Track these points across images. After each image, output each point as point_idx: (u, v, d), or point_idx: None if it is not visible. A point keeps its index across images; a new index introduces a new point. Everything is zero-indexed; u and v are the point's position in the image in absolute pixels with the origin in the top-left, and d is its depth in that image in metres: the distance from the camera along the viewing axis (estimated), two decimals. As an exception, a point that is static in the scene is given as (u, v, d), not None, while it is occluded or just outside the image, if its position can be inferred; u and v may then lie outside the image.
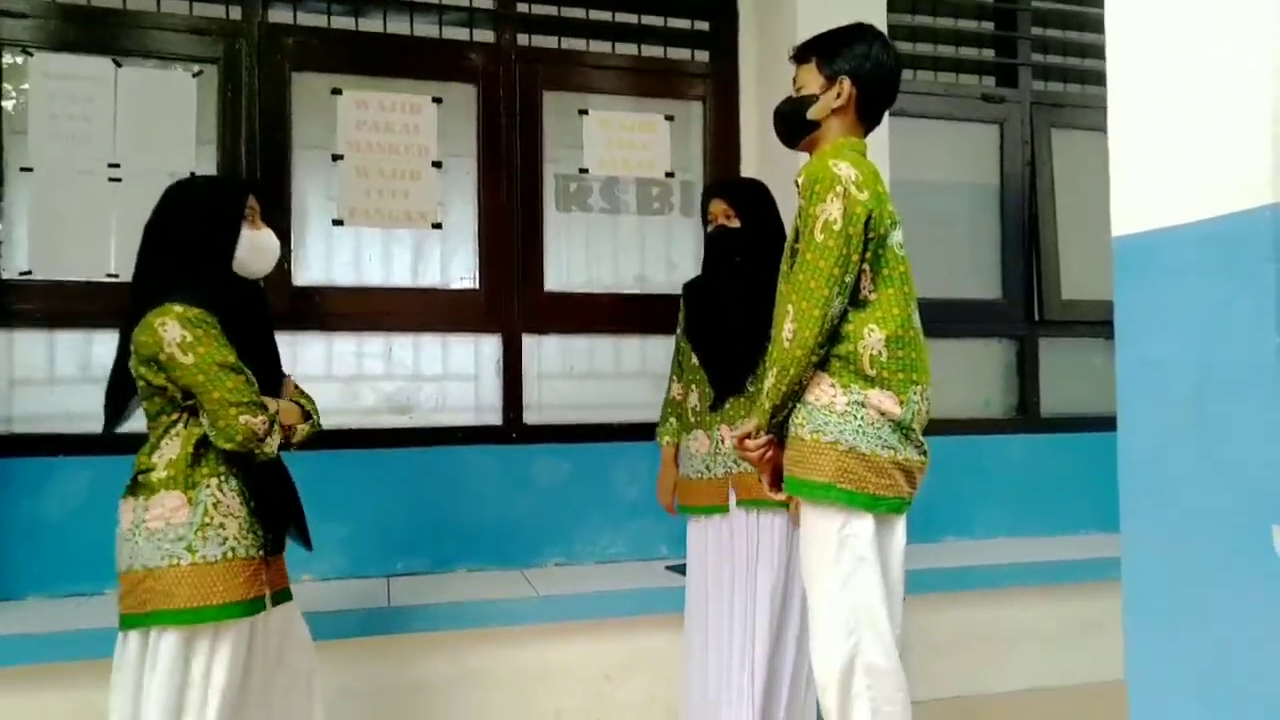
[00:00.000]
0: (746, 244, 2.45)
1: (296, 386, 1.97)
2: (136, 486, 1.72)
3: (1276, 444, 0.88)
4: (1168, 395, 1.01)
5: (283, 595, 1.86)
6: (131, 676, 1.68)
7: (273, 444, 1.75)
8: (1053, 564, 3.10)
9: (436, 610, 2.60)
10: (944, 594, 2.96)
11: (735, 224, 2.47)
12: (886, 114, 2.02)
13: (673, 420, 2.62)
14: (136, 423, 1.84)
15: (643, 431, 3.06)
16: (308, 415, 1.91)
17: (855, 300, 1.83)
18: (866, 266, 1.82)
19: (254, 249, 1.84)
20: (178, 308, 1.68)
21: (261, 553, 1.77)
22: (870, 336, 1.81)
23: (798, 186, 1.92)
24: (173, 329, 1.66)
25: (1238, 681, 0.93)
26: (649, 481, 2.96)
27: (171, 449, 1.72)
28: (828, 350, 1.81)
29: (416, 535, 2.93)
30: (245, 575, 1.72)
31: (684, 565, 2.64)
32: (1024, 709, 2.97)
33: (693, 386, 2.55)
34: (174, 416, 1.73)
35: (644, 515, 3.07)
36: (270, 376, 1.85)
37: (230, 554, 1.70)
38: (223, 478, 1.73)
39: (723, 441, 2.45)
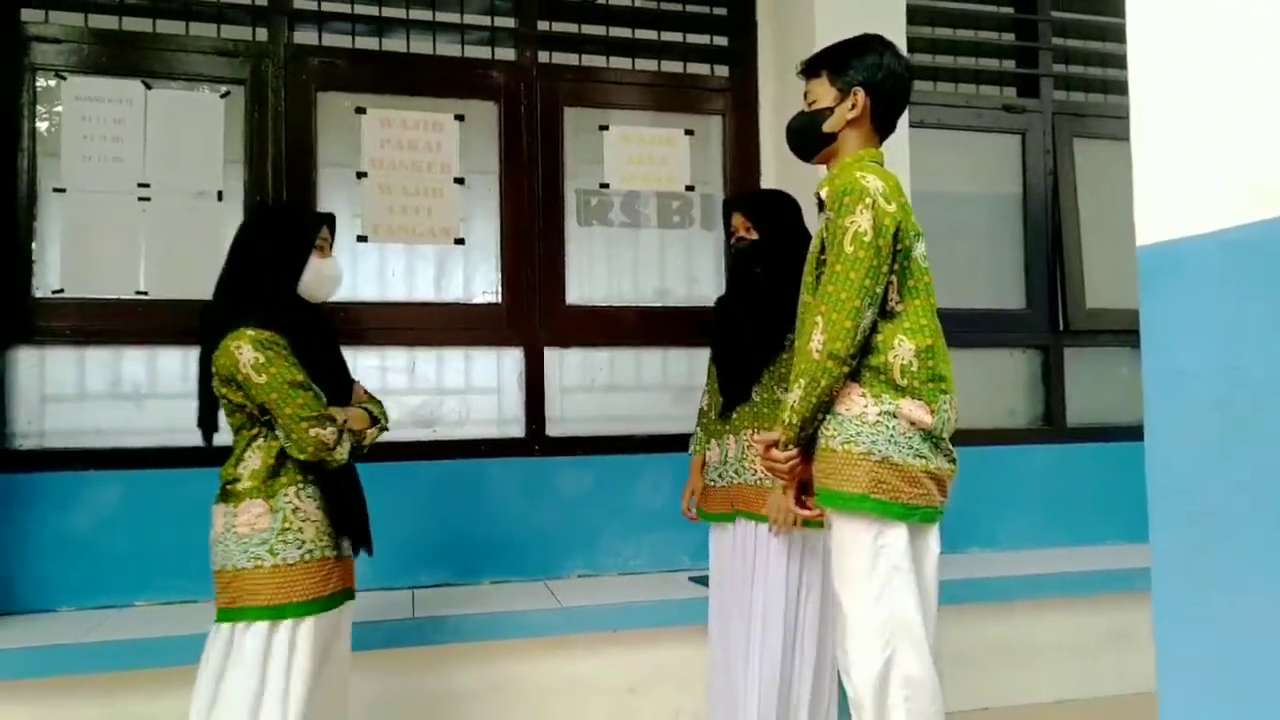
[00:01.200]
0: (766, 255, 2.46)
1: (366, 391, 2.10)
2: (226, 495, 1.88)
3: (1306, 452, 0.88)
4: (1195, 404, 1.00)
5: (349, 593, 1.99)
6: (215, 666, 1.82)
7: (343, 452, 1.88)
8: (1080, 575, 3.06)
9: (461, 622, 2.62)
10: (971, 605, 2.93)
11: (754, 236, 2.48)
12: (907, 125, 2.03)
13: (699, 431, 2.64)
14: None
15: (664, 443, 3.07)
16: (375, 420, 2.04)
17: (883, 311, 1.83)
18: (893, 278, 1.82)
19: (319, 277, 1.97)
20: (250, 331, 1.82)
21: (335, 554, 1.92)
22: (900, 347, 1.81)
23: (818, 199, 1.92)
24: (247, 352, 1.80)
25: (1273, 692, 0.92)
26: (671, 493, 2.97)
27: (253, 461, 1.87)
28: (859, 361, 1.81)
29: (440, 547, 2.95)
30: (321, 575, 1.87)
31: (706, 576, 2.64)
32: (1053, 723, 2.93)
33: (713, 397, 2.57)
34: (254, 431, 1.87)
35: (666, 526, 3.07)
36: (339, 385, 1.99)
37: (308, 556, 1.86)
38: (300, 486, 1.87)
39: (729, 451, 2.46)
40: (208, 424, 1.95)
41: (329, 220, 2.05)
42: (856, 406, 1.81)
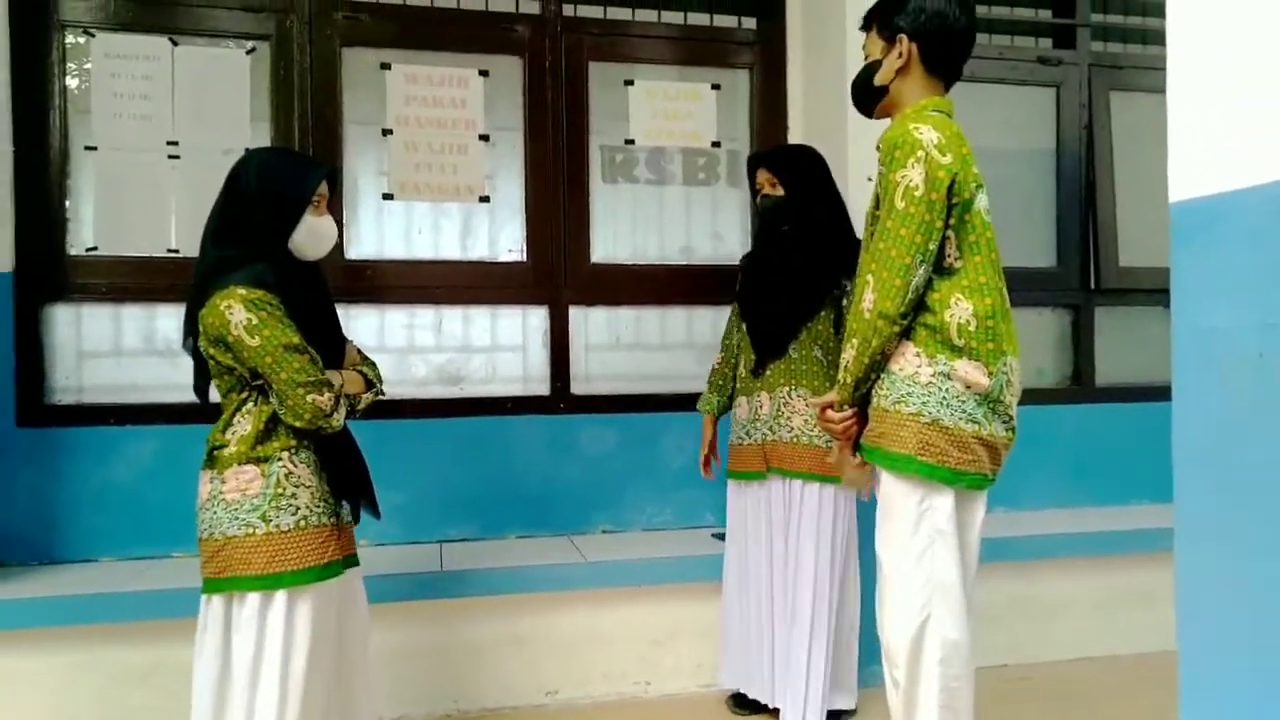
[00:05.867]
0: (793, 212, 2.45)
1: (359, 352, 2.00)
2: (212, 460, 1.78)
3: (1338, 413, 0.86)
4: (1224, 363, 0.99)
5: (351, 560, 1.91)
6: (216, 638, 1.75)
7: (339, 418, 1.78)
8: (1104, 535, 3.05)
9: (487, 575, 2.66)
10: (995, 564, 2.94)
11: (779, 192, 2.47)
12: None
13: (709, 393, 2.69)
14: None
15: (689, 402, 3.07)
16: (370, 384, 1.93)
17: (940, 268, 1.78)
18: (951, 233, 1.77)
19: (312, 236, 1.84)
20: (241, 290, 1.70)
21: (334, 520, 1.83)
22: (958, 306, 1.76)
23: (879, 152, 1.89)
24: (238, 312, 1.69)
25: (1293, 653, 0.92)
26: (695, 451, 2.98)
27: (243, 426, 1.76)
28: (913, 319, 1.77)
29: (467, 503, 3.00)
30: (318, 542, 1.77)
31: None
32: (1073, 677, 2.95)
33: (740, 355, 2.59)
34: (244, 395, 1.77)
35: (690, 484, 3.08)
36: (332, 346, 1.88)
37: (303, 523, 1.76)
38: (293, 451, 1.77)
39: (761, 408, 2.48)
40: (203, 384, 1.86)
41: (330, 174, 1.90)
42: (910, 366, 1.78)
